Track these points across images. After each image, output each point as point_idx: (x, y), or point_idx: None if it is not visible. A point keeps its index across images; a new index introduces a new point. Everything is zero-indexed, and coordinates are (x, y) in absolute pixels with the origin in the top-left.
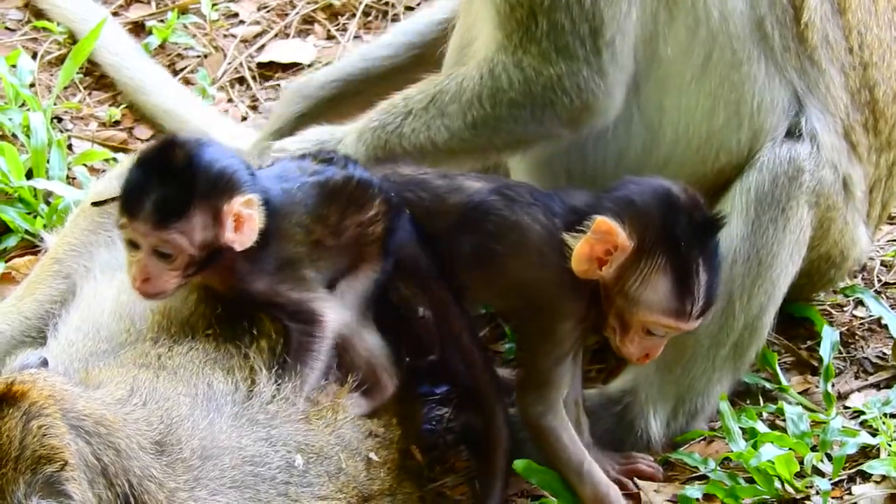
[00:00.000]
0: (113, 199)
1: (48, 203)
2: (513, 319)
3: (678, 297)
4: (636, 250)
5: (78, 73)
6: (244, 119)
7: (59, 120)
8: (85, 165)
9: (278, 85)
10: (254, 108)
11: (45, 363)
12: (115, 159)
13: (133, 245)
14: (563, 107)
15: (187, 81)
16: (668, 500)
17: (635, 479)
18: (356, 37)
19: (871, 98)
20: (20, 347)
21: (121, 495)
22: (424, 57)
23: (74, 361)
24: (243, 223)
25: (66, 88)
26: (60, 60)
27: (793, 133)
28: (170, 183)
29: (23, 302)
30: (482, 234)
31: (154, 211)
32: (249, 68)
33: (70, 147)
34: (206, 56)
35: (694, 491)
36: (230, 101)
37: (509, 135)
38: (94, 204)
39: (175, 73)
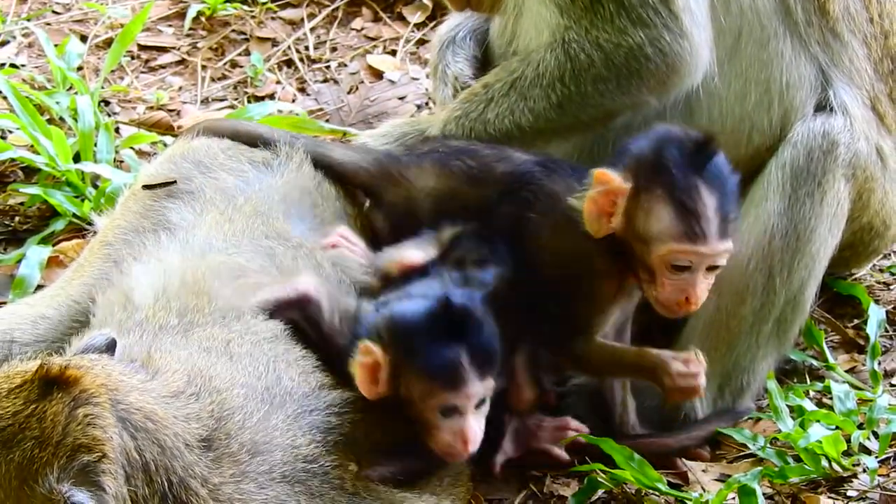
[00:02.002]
0: (166, 184)
1: (96, 186)
2: (552, 289)
3: (683, 219)
4: (634, 189)
5: (125, 55)
6: (293, 101)
7: (107, 103)
8: (132, 148)
9: (327, 67)
10: (302, 90)
11: (112, 345)
12: (163, 143)
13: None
14: (650, 73)
15: (235, 64)
16: (716, 479)
17: (683, 458)
18: (401, 17)
19: (894, 67)
20: (69, 332)
21: (159, 492)
22: None
23: (145, 334)
24: None
25: (113, 71)
26: (109, 43)
27: (823, 107)
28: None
29: (71, 285)
30: (521, 203)
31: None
32: (297, 51)
33: (118, 130)
34: (252, 38)
35: (750, 479)
36: (278, 83)
37: (597, 109)
38: (146, 187)
39: (223, 55)
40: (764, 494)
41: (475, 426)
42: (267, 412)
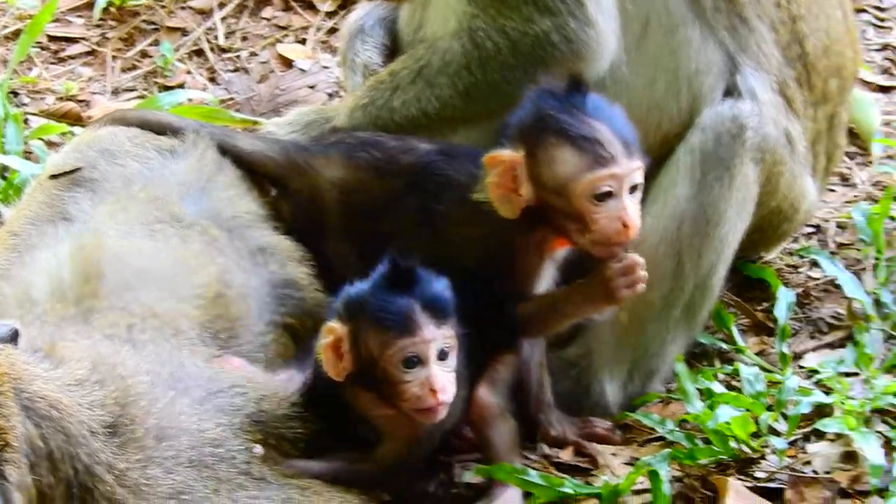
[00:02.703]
0: (70, 172)
1: (4, 178)
2: (476, 274)
3: (585, 150)
4: (528, 153)
5: (34, 46)
6: (204, 90)
7: (16, 94)
8: (41, 139)
9: (238, 56)
10: (212, 79)
11: (15, 335)
12: (72, 133)
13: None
14: (556, 61)
15: (145, 54)
16: (626, 463)
17: (593, 443)
18: (311, 6)
19: (801, 51)
20: None
21: (64, 480)
22: None
23: (46, 325)
24: None
25: (22, 63)
26: (17, 34)
27: (731, 92)
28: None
29: None
30: (426, 194)
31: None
32: (208, 41)
33: (27, 121)
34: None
35: (659, 461)
36: (189, 72)
37: (504, 97)
38: (52, 177)
39: (132, 45)
40: (673, 477)
41: (441, 375)
42: (172, 398)
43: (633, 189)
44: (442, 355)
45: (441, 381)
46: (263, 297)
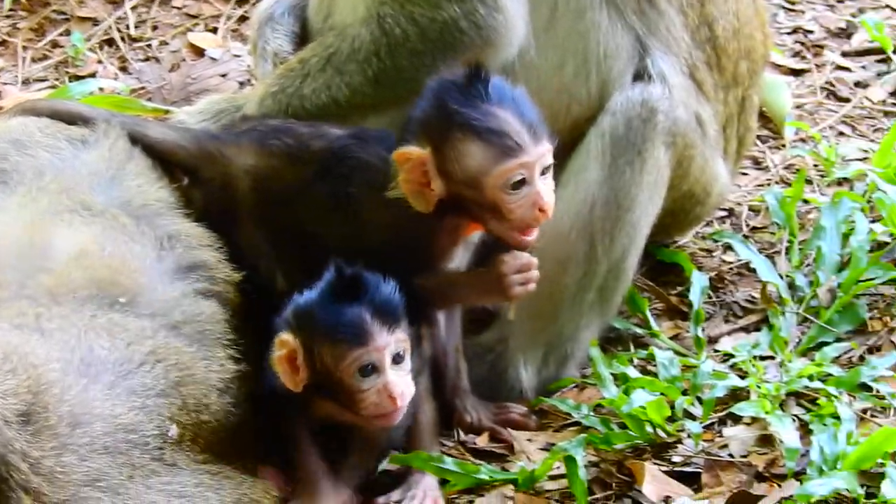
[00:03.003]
0: None
1: None
2: (386, 256)
3: (493, 142)
4: (435, 149)
5: None
6: (115, 79)
7: None
8: None
9: (149, 45)
10: (123, 69)
11: None
12: None
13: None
14: (465, 47)
15: (56, 44)
16: (542, 449)
17: (508, 428)
18: None
19: (711, 34)
20: None
21: None
22: None
23: None
24: None
25: None
26: None
27: (641, 76)
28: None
29: None
30: (339, 178)
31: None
32: (118, 30)
33: None
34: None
35: (574, 446)
36: (100, 62)
37: (413, 83)
38: None
39: (43, 35)
40: (590, 462)
41: (397, 380)
42: (85, 385)
43: (544, 171)
44: (397, 359)
45: (398, 387)
46: (170, 273)
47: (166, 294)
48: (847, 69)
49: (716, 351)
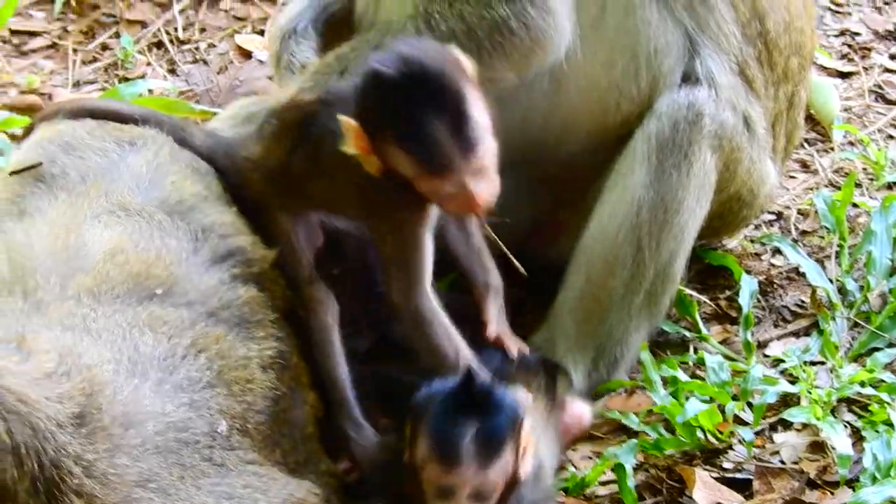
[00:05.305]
0: (30, 168)
1: None
2: (361, 221)
3: (422, 157)
4: (369, 138)
5: None
6: (164, 81)
7: None
8: (5, 132)
9: (197, 48)
10: (172, 71)
11: None
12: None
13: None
14: (514, 47)
15: (105, 47)
16: (587, 457)
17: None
18: None
19: (762, 29)
20: None
21: (29, 473)
22: None
23: (5, 318)
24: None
25: None
26: None
27: (689, 77)
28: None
29: None
30: (311, 146)
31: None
32: (167, 33)
33: None
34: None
35: (625, 452)
36: (149, 64)
37: None
38: (12, 173)
39: (93, 37)
40: (639, 467)
41: None
42: (136, 384)
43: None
44: (479, 497)
45: None
46: (206, 262)
47: (203, 282)
48: (895, 72)
49: (765, 356)
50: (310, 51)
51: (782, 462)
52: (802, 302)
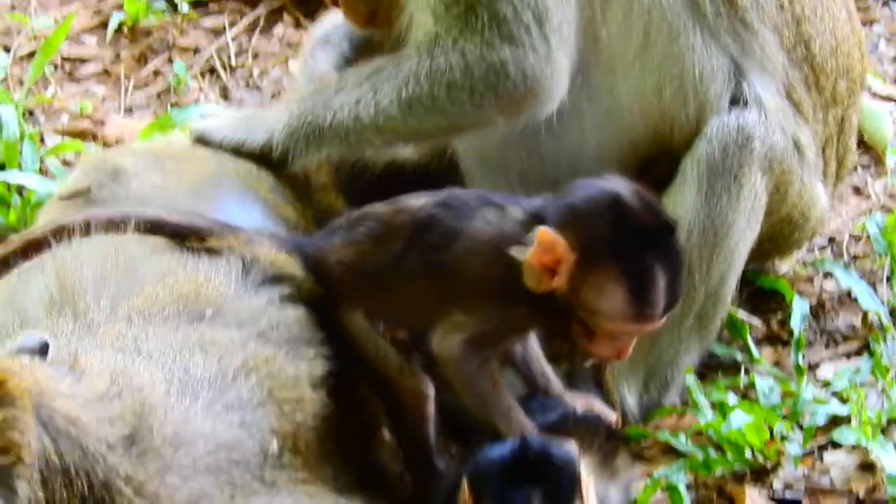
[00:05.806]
0: (80, 193)
1: (21, 195)
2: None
3: (635, 303)
4: (580, 260)
5: (49, 65)
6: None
7: (31, 113)
8: (57, 157)
9: (250, 74)
10: (224, 97)
11: (45, 347)
12: (87, 151)
13: None
14: (507, 92)
15: (157, 73)
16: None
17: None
18: None
19: (807, 53)
20: None
21: (79, 495)
22: None
23: (57, 340)
24: None
25: (37, 82)
26: (32, 54)
27: (737, 100)
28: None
29: None
30: (430, 249)
31: None
32: (220, 59)
33: (42, 140)
34: (174, 47)
35: (674, 472)
36: (201, 90)
37: (443, 117)
38: (62, 198)
39: (145, 63)
40: (689, 488)
41: None
42: (186, 405)
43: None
44: None
45: None
46: (255, 284)
47: (252, 303)
48: None
49: (816, 378)
50: (329, 62)
51: (832, 482)
52: (853, 325)
